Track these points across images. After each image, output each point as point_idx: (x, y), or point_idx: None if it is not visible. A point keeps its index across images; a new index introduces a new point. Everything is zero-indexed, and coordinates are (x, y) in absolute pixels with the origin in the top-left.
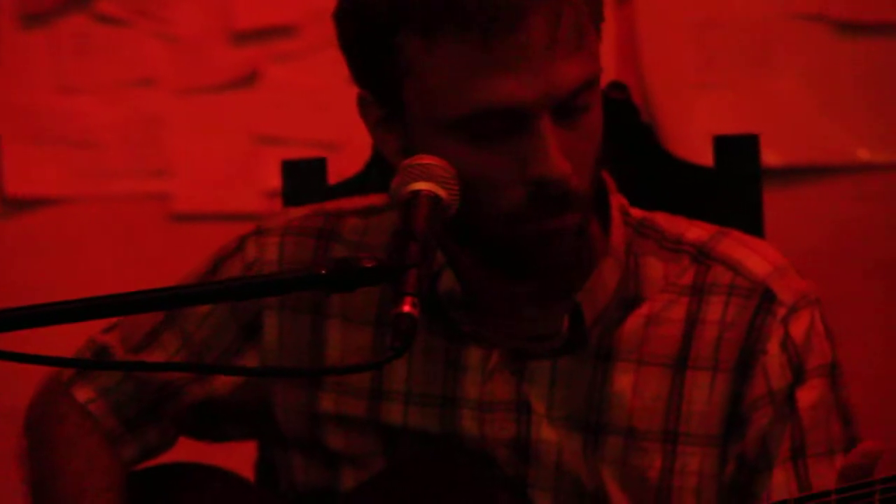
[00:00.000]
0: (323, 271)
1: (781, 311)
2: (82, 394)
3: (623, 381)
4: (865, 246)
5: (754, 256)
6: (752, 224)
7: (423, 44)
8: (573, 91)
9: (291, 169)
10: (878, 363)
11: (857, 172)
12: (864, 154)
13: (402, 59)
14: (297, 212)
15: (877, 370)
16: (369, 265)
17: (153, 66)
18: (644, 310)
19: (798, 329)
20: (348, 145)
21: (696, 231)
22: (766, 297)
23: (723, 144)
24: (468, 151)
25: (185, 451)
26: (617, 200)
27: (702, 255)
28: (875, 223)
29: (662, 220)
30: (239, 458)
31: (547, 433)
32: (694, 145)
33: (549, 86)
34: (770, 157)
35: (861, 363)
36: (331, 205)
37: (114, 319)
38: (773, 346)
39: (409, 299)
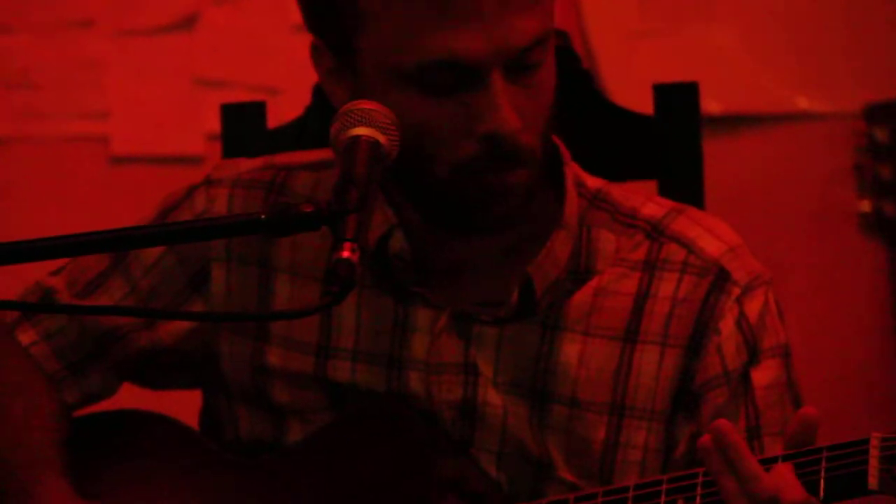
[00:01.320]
0: (262, 216)
1: (736, 291)
2: (26, 336)
3: (569, 351)
4: (802, 193)
5: (708, 236)
6: (692, 172)
7: None
8: (526, 47)
9: (231, 112)
10: (806, 306)
11: (796, 121)
12: (802, 103)
13: (357, 9)
14: (248, 164)
15: (807, 310)
16: (308, 210)
17: (92, 7)
18: (594, 282)
19: (752, 309)
20: (288, 90)
21: (651, 207)
22: (720, 277)
23: (662, 92)
24: (420, 104)
25: (130, 398)
26: (571, 171)
27: (656, 232)
28: (812, 171)
29: (618, 192)
30: (183, 407)
31: (493, 397)
32: (634, 93)
33: (501, 41)
34: (709, 105)
35: (792, 307)
36: (281, 158)
37: (61, 263)
38: (728, 326)
39: (348, 245)
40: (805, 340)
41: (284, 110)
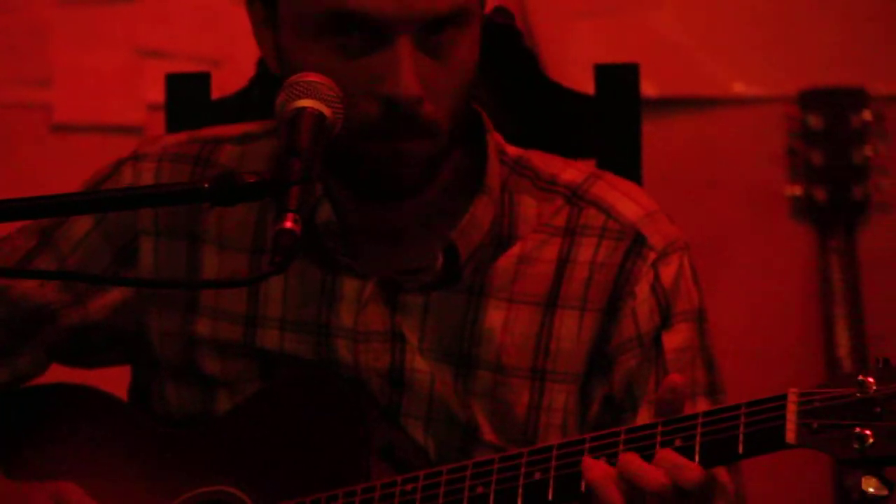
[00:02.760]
0: (205, 185)
1: (652, 256)
2: None
3: (494, 317)
4: (736, 176)
5: (626, 200)
6: (630, 152)
7: None
8: (439, 17)
9: (175, 83)
10: (738, 284)
11: (731, 105)
12: (738, 87)
13: None
14: (173, 138)
15: (738, 288)
16: (251, 180)
17: None
18: (517, 249)
19: (667, 273)
20: (232, 61)
21: (571, 172)
22: (636, 241)
23: (603, 73)
24: (330, 62)
25: (59, 375)
26: (493, 139)
27: (575, 197)
28: (746, 155)
29: (538, 159)
30: (111, 384)
31: (420, 364)
32: (575, 73)
33: (414, 4)
34: (649, 87)
35: (724, 285)
36: (206, 131)
37: None
38: (643, 290)
39: (290, 216)
40: (735, 318)
41: (229, 82)
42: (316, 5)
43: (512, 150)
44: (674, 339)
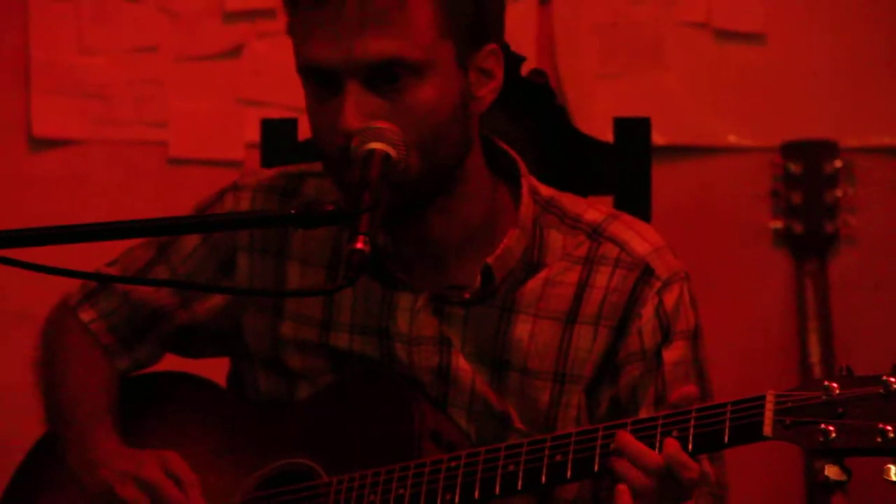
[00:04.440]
0: (293, 212)
1: (657, 284)
2: (86, 315)
3: (522, 329)
4: (728, 211)
5: (638, 238)
6: (642, 191)
7: (291, 9)
8: (375, 63)
9: (269, 126)
10: (727, 304)
11: (726, 153)
12: (732, 138)
13: (289, 22)
14: (266, 172)
15: (728, 308)
16: (330, 208)
17: (157, 36)
18: (544, 273)
19: (669, 299)
20: None
21: (592, 213)
22: (645, 272)
23: (620, 125)
24: (312, 102)
25: (170, 365)
26: (527, 182)
27: (595, 234)
28: (737, 194)
29: (566, 200)
30: (211, 373)
31: (463, 364)
32: (597, 125)
33: (353, 55)
34: (658, 137)
35: (716, 305)
36: (293, 167)
37: (116, 255)
38: (648, 312)
39: (361, 238)
40: (726, 330)
41: None
42: (298, 60)
43: (545, 191)
44: (672, 354)
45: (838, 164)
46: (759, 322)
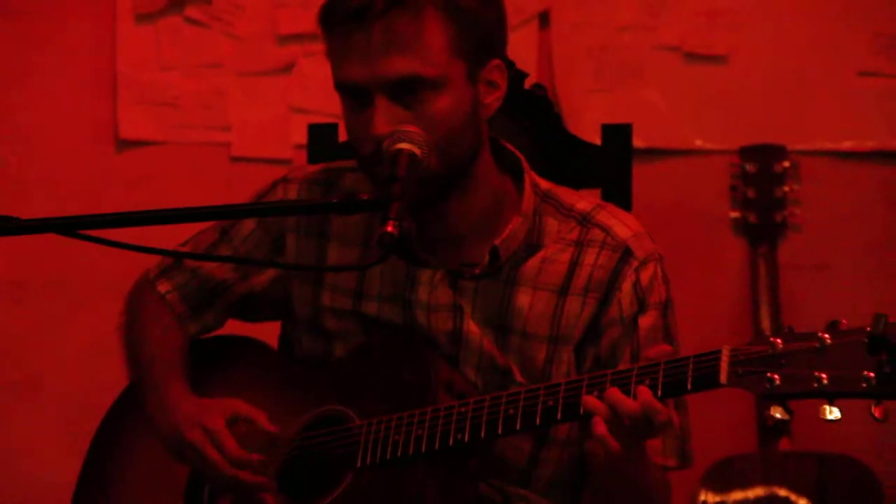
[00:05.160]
0: (334, 201)
1: (635, 263)
2: (163, 287)
3: (523, 299)
4: (695, 204)
5: (620, 225)
6: (624, 186)
7: (328, 35)
8: (397, 79)
9: (314, 130)
10: (693, 284)
11: (694, 155)
12: (699, 142)
13: (327, 47)
14: (312, 167)
15: (693, 288)
16: (365, 198)
17: (222, 55)
18: (541, 253)
19: (645, 276)
20: None
21: (583, 203)
22: (626, 253)
23: (607, 130)
24: (348, 112)
25: (232, 328)
26: (529, 176)
27: (585, 221)
28: (702, 190)
29: (561, 192)
30: (267, 333)
31: (473, 328)
32: (587, 130)
33: (375, 72)
34: (638, 141)
35: (683, 286)
36: (335, 164)
37: (188, 236)
38: (627, 286)
39: (391, 222)
40: (691, 304)
41: None
42: (335, 80)
43: (544, 184)
44: (646, 321)
45: (786, 164)
46: (720, 296)
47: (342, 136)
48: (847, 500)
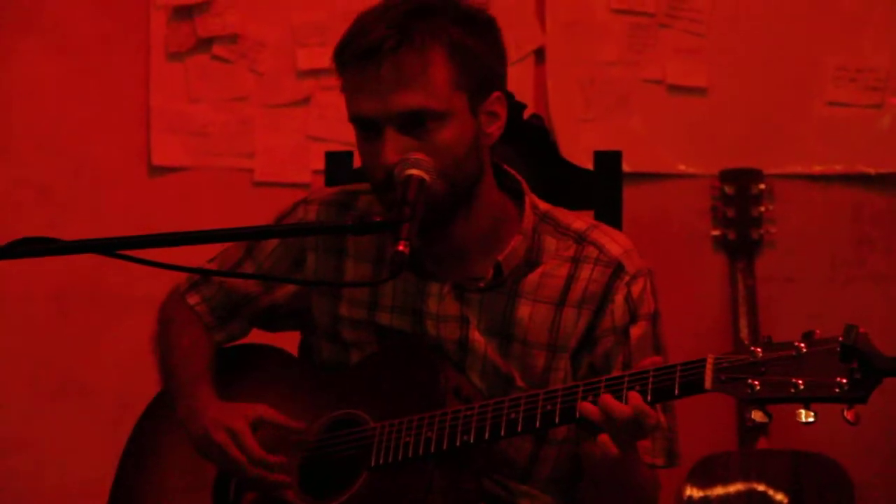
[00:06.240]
0: (349, 223)
1: (626, 278)
2: (192, 300)
3: (523, 311)
4: (678, 222)
5: (613, 243)
6: (615, 207)
7: (341, 72)
8: (405, 113)
9: (331, 157)
10: (676, 297)
11: (677, 178)
12: (682, 167)
13: (342, 83)
14: (330, 190)
15: (676, 302)
16: (378, 220)
17: (247, 89)
18: (541, 269)
19: (636, 289)
20: None
21: (578, 223)
22: (618, 268)
23: (599, 157)
24: (361, 142)
25: (256, 338)
26: (529, 198)
27: (580, 239)
28: (685, 209)
29: (559, 213)
30: (288, 342)
31: (478, 337)
32: (581, 157)
33: (388, 107)
34: (627, 166)
35: (667, 298)
36: (351, 186)
37: (214, 254)
38: (619, 298)
39: (402, 242)
40: (676, 315)
41: None
42: (349, 114)
43: (542, 206)
44: (637, 331)
45: (762, 186)
46: (703, 307)
47: (356, 162)
48: (820, 494)
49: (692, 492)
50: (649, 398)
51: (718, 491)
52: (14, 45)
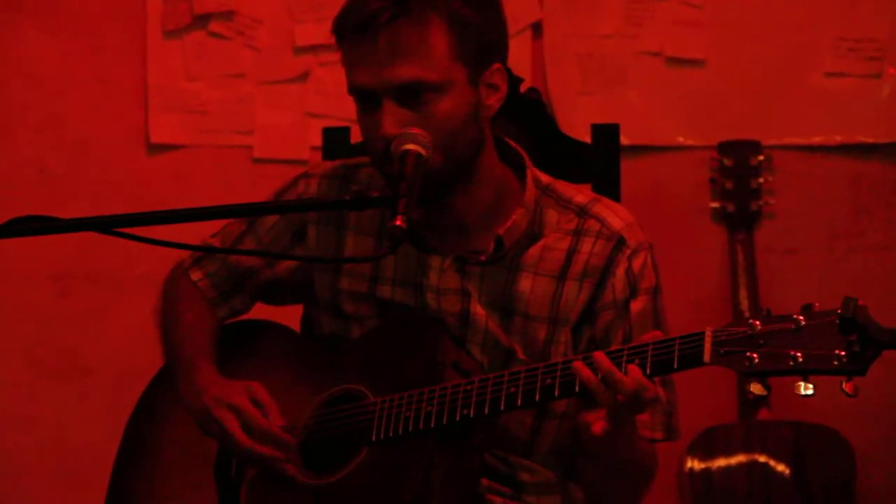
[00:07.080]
0: (347, 197)
1: (628, 251)
2: (195, 275)
3: (524, 284)
4: (678, 195)
5: (614, 216)
6: (613, 180)
7: (340, 44)
8: (403, 84)
9: (329, 133)
10: (676, 270)
11: (676, 150)
12: (680, 139)
13: (341, 56)
14: (331, 163)
15: (676, 274)
16: (375, 195)
17: (244, 65)
18: (542, 242)
19: (637, 263)
20: None
21: (580, 196)
22: (619, 242)
23: (597, 130)
24: (360, 115)
25: (258, 312)
26: (531, 172)
27: (582, 212)
28: (684, 182)
29: (560, 186)
30: (290, 316)
31: (479, 310)
32: (579, 130)
33: (385, 78)
34: (624, 139)
35: (667, 270)
36: (352, 160)
37: (217, 228)
38: (620, 272)
39: (399, 216)
40: (676, 288)
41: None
42: (348, 85)
43: (544, 179)
44: (637, 306)
45: (761, 158)
46: (703, 279)
47: (354, 137)
48: (822, 465)
49: (693, 463)
50: (648, 371)
51: (720, 462)
52: (11, 24)
